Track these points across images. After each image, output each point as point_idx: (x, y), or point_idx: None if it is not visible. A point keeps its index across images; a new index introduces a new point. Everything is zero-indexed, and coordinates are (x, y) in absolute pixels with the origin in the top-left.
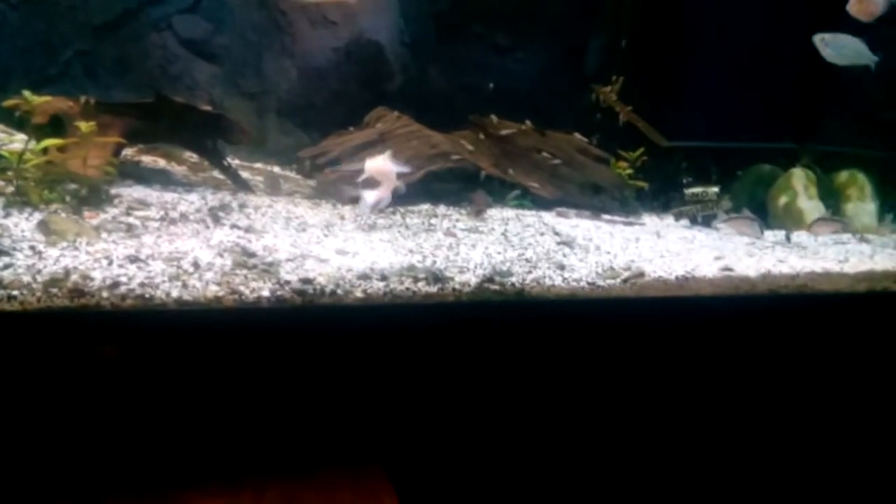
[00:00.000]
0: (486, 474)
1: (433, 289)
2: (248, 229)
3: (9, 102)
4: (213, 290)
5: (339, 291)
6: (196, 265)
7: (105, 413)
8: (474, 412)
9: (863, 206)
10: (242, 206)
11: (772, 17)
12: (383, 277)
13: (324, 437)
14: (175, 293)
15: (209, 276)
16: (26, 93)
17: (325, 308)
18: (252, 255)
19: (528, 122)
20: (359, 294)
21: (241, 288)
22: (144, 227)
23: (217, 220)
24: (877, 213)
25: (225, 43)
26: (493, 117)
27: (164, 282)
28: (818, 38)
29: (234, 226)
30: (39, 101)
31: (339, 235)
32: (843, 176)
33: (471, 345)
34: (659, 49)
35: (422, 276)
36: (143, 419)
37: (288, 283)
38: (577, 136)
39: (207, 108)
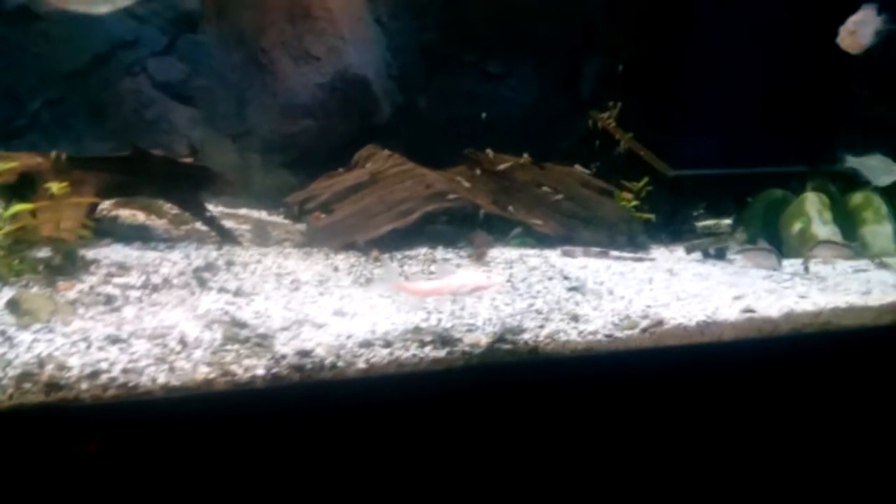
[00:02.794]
0: None
1: (441, 353)
2: (237, 292)
3: None
4: (203, 371)
5: (340, 363)
6: (183, 342)
7: None
8: (494, 488)
9: (880, 228)
10: (229, 263)
11: (777, 34)
12: (387, 343)
13: None
14: (162, 378)
15: (198, 354)
16: None
17: (326, 384)
18: (243, 325)
19: (525, 156)
20: (361, 365)
21: (234, 367)
22: (125, 297)
23: (203, 284)
24: (894, 235)
25: (203, 84)
26: (489, 151)
27: (149, 365)
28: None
29: (221, 289)
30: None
31: (334, 293)
32: (858, 198)
33: (484, 412)
34: (659, 73)
35: (428, 338)
36: None
37: (284, 357)
38: (579, 167)
39: (188, 159)
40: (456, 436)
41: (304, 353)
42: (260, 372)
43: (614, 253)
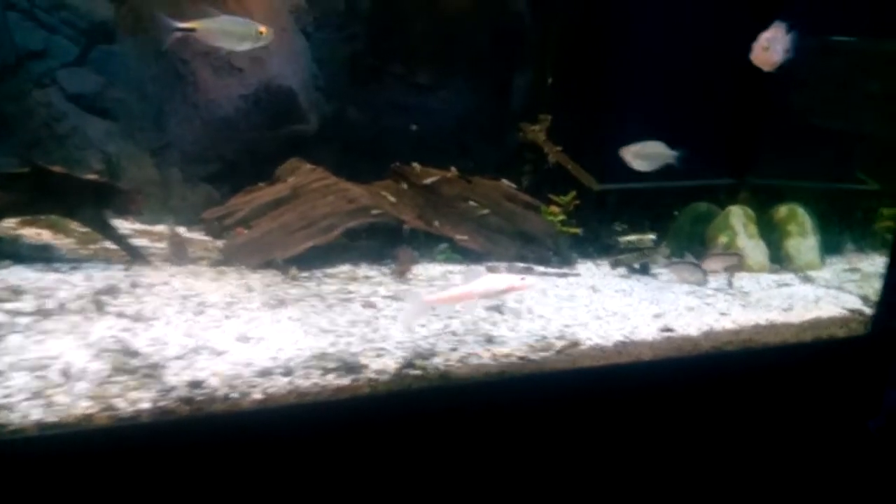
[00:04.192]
0: None
1: (345, 381)
2: (136, 317)
3: None
4: (82, 406)
5: (234, 395)
6: (66, 374)
7: None
8: None
9: (804, 241)
10: (134, 285)
11: (702, 48)
12: (287, 371)
13: None
14: (36, 414)
15: (81, 387)
16: None
17: (217, 417)
18: (135, 354)
19: (453, 169)
20: (257, 396)
21: (117, 400)
22: (12, 324)
23: (101, 308)
24: (819, 247)
25: (119, 96)
26: (416, 165)
27: (23, 400)
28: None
29: (120, 314)
30: None
31: (242, 315)
32: (783, 211)
33: (390, 442)
34: (587, 85)
35: (332, 365)
36: None
37: (173, 388)
38: (505, 182)
39: (93, 175)
40: (358, 467)
41: (196, 384)
42: (145, 405)
43: (539, 269)
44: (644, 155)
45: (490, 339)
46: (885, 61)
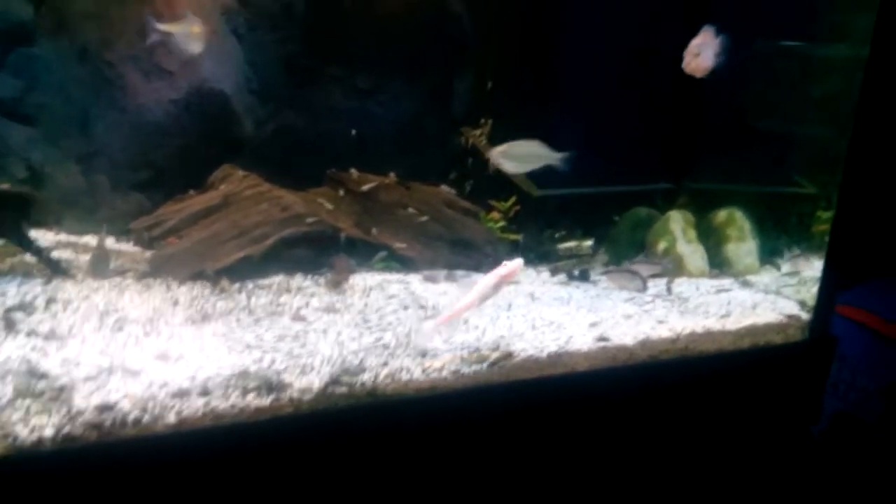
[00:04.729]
0: None
1: (266, 401)
2: (48, 336)
3: None
4: None
5: (147, 418)
6: None
7: None
8: None
9: (743, 245)
10: (51, 301)
11: (640, 54)
12: (205, 392)
13: None
14: None
15: None
16: None
17: (127, 442)
18: (42, 375)
19: (392, 175)
20: (171, 419)
21: (18, 427)
22: None
23: (11, 327)
24: (757, 251)
25: (42, 102)
26: (354, 171)
27: None
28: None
29: (31, 332)
30: None
31: (163, 332)
32: (722, 215)
33: (314, 463)
34: (525, 91)
35: (253, 384)
36: None
37: (81, 413)
38: (445, 188)
39: (5, 185)
40: (277, 491)
41: (106, 408)
42: (49, 432)
43: (478, 277)
44: (514, 155)
45: (423, 353)
46: (828, 66)
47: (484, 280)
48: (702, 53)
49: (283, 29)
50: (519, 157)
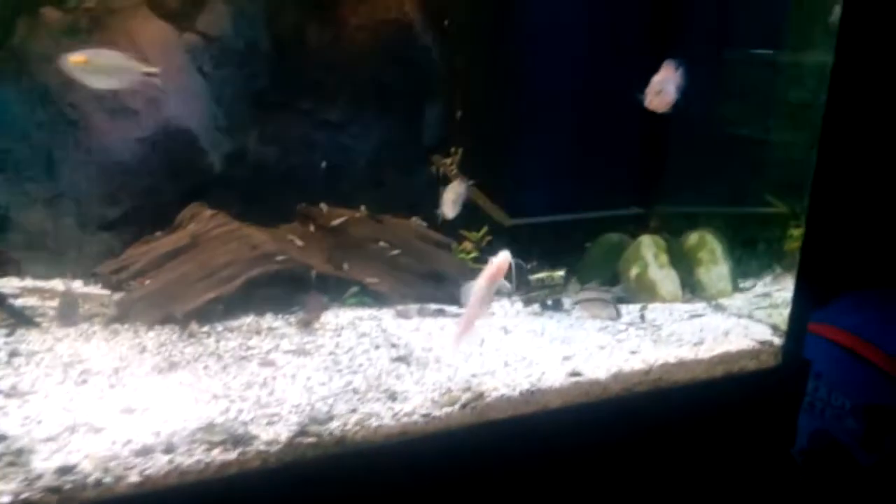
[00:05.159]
0: None
1: (231, 455)
2: (10, 392)
3: None
4: None
5: (108, 479)
6: None
7: None
8: None
9: (716, 269)
10: (13, 354)
11: (608, 82)
12: (169, 448)
13: None
14: None
15: None
16: None
17: None
18: (2, 437)
19: (362, 209)
20: (134, 479)
21: None
22: None
23: None
24: (730, 274)
25: (4, 145)
26: (324, 206)
27: None
28: None
29: None
30: None
31: (128, 383)
32: (693, 239)
33: None
34: (494, 119)
35: (219, 437)
36: None
37: (40, 476)
38: (415, 220)
39: None
40: None
41: (66, 470)
42: (5, 500)
43: (452, 310)
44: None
45: (393, 396)
46: (802, 74)
47: (477, 286)
48: (664, 89)
49: (249, 65)
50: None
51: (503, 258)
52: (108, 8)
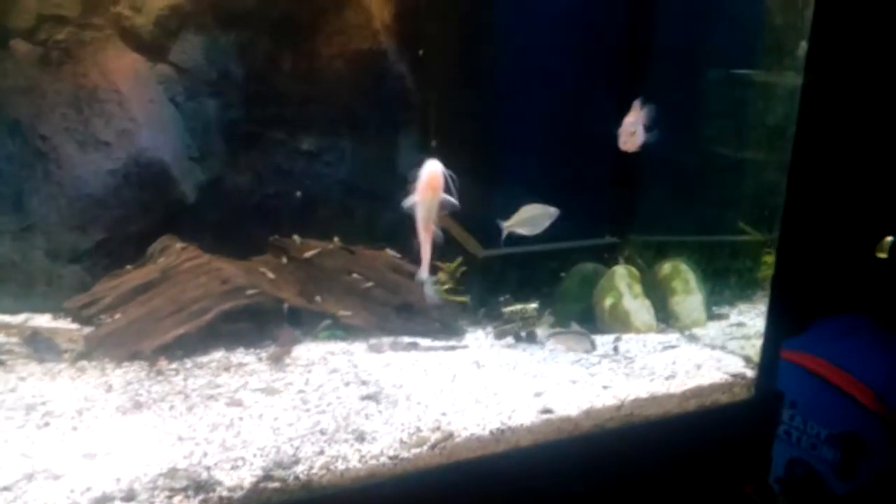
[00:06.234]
0: None
1: (193, 503)
2: None
3: None
4: None
5: None
6: None
7: None
8: None
9: (689, 298)
10: None
11: (580, 109)
12: (129, 496)
13: None
14: None
15: None
16: None
17: None
18: None
19: (336, 240)
20: None
21: None
22: None
23: None
24: (704, 303)
25: None
26: (296, 237)
27: None
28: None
29: None
30: None
31: (91, 425)
32: (667, 268)
33: None
34: (468, 149)
35: (181, 483)
36: None
37: None
38: (389, 251)
39: None
40: None
41: None
42: None
43: (425, 343)
44: (524, 221)
45: (361, 437)
46: (780, 93)
47: (417, 208)
48: (636, 130)
49: (222, 95)
50: (529, 221)
51: (432, 168)
52: (79, 40)
